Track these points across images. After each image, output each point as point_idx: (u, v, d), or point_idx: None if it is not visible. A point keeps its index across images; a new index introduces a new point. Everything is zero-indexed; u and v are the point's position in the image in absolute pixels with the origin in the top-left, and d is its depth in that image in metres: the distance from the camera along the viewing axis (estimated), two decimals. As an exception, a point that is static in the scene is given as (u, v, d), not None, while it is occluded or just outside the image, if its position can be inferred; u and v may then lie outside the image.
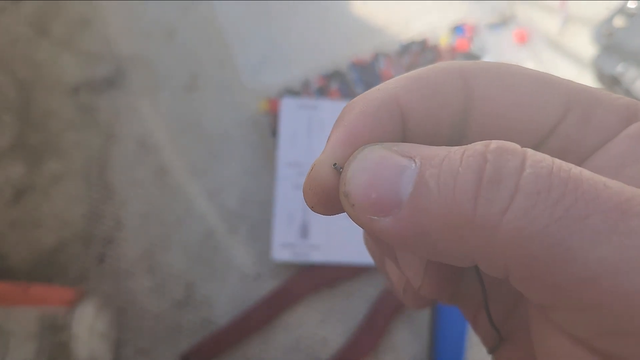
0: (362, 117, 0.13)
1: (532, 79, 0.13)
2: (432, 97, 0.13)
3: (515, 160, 0.10)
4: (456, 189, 0.10)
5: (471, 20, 0.48)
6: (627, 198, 0.10)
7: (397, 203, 0.11)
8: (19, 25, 0.51)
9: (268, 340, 0.43)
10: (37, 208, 0.46)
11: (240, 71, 0.47)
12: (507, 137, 0.13)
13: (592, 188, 0.10)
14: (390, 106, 0.13)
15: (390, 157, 0.12)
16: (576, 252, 0.10)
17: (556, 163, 0.10)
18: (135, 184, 0.47)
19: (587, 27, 0.48)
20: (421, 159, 0.11)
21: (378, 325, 0.42)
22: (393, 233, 0.11)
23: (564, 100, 0.13)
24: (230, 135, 0.48)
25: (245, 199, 0.46)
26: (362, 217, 0.12)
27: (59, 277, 0.44)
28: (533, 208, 0.10)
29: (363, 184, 0.12)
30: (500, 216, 0.10)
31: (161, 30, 0.51)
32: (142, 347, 0.43)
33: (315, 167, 0.13)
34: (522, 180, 0.10)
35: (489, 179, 0.10)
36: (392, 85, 0.13)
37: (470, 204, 0.10)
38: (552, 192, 0.10)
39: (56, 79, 0.49)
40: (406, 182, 0.11)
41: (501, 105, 0.13)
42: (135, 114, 0.48)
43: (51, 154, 0.47)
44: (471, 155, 0.11)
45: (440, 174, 0.11)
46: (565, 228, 0.10)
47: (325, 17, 0.51)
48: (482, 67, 0.13)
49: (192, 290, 0.44)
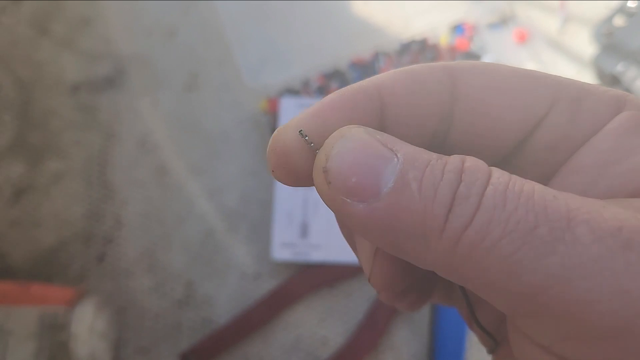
0: (337, 96, 0.13)
1: (517, 75, 0.13)
2: (416, 89, 0.13)
3: (482, 179, 0.11)
4: (435, 200, 0.11)
5: (471, 20, 0.48)
6: (575, 208, 0.10)
7: (375, 193, 0.11)
8: (20, 25, 0.51)
9: (268, 339, 0.43)
10: (37, 207, 0.46)
11: (240, 71, 0.47)
12: (492, 132, 0.13)
13: (541, 200, 0.10)
14: (369, 91, 0.13)
15: (375, 145, 0.12)
16: (525, 264, 0.10)
17: (512, 179, 0.11)
18: (136, 183, 0.47)
19: (587, 27, 0.48)
20: (404, 156, 0.11)
21: (378, 325, 0.42)
22: (363, 220, 0.11)
23: (550, 92, 0.13)
24: (230, 135, 0.48)
25: (245, 199, 0.46)
26: (335, 197, 0.12)
27: (58, 277, 0.44)
28: (489, 223, 0.10)
29: (346, 164, 0.12)
30: (462, 231, 0.10)
31: (161, 29, 0.51)
32: (142, 346, 0.43)
33: (279, 129, 0.13)
34: (483, 197, 0.10)
35: (461, 196, 0.11)
36: (378, 76, 0.14)
37: (443, 217, 0.11)
38: (507, 206, 0.10)
39: (56, 79, 0.49)
40: (388, 175, 0.11)
41: (486, 100, 0.13)
42: (136, 113, 0.48)
43: (51, 153, 0.47)
44: (450, 171, 0.11)
45: (423, 180, 0.11)
46: (515, 240, 0.10)
47: (326, 17, 0.51)
48: (468, 64, 0.14)
49: (192, 289, 0.44)
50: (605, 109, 0.13)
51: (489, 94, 0.13)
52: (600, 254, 0.10)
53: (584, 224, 0.10)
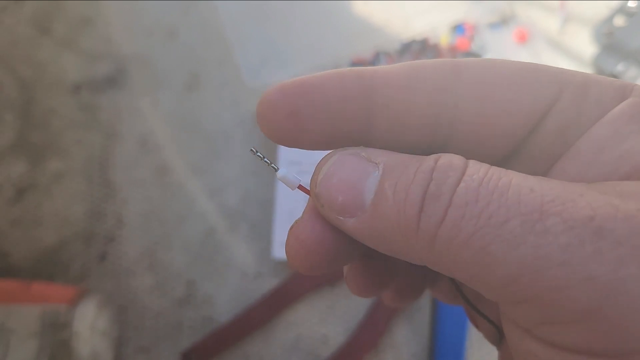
0: (330, 72, 0.13)
1: (522, 68, 0.13)
2: (413, 81, 0.13)
3: (454, 176, 0.11)
4: (406, 202, 0.11)
5: (471, 20, 0.49)
6: (550, 199, 0.10)
7: (361, 206, 0.12)
8: (21, 25, 0.51)
9: (269, 338, 0.43)
10: (38, 206, 0.46)
11: (241, 70, 0.47)
12: (500, 124, 0.13)
13: (515, 194, 0.11)
14: (361, 74, 0.13)
15: (357, 163, 0.13)
16: (497, 256, 0.10)
17: (488, 174, 0.11)
18: (137, 182, 0.47)
19: (587, 27, 0.48)
20: (384, 166, 0.12)
21: (378, 324, 0.42)
22: (356, 232, 0.13)
23: (557, 82, 0.13)
24: (231, 134, 0.48)
25: (246, 198, 0.46)
26: (330, 216, 0.13)
27: (60, 275, 0.44)
28: (462, 219, 0.11)
29: (331, 187, 0.13)
30: (436, 229, 0.11)
31: (162, 29, 0.51)
32: (143, 345, 0.43)
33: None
34: (454, 195, 0.11)
35: (431, 195, 0.11)
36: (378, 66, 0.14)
37: (415, 217, 0.11)
38: (479, 202, 0.11)
39: (58, 78, 0.49)
40: (369, 188, 0.12)
41: (492, 93, 0.13)
42: (137, 113, 0.48)
43: (53, 152, 0.47)
44: (422, 171, 0.12)
45: (397, 185, 0.12)
46: (487, 234, 0.10)
47: (326, 16, 0.51)
48: (473, 61, 0.14)
49: (193, 288, 0.44)
50: (610, 97, 0.13)
51: (494, 86, 0.13)
52: (569, 243, 0.10)
53: (555, 215, 0.10)
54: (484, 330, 0.18)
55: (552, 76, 0.13)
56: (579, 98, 0.13)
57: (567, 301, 0.10)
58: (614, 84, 0.13)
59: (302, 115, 0.13)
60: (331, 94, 0.13)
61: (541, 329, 0.11)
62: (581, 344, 0.10)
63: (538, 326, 0.11)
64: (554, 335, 0.11)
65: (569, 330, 0.10)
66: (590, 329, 0.10)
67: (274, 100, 0.13)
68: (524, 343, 0.12)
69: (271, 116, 0.13)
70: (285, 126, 0.13)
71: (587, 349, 0.10)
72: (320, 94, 0.13)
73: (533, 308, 0.11)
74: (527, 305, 0.11)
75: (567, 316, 0.10)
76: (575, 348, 0.10)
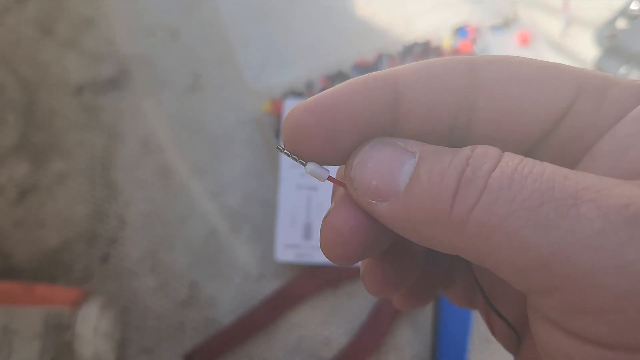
0: (351, 83, 0.14)
1: (540, 67, 0.13)
2: (433, 81, 0.13)
3: (490, 163, 0.11)
4: (441, 187, 0.12)
5: (474, 22, 0.49)
6: (584, 187, 0.10)
7: (395, 191, 0.12)
8: (24, 25, 0.51)
9: (271, 340, 0.43)
10: (41, 207, 0.46)
11: (243, 71, 0.47)
12: (517, 123, 0.13)
13: (549, 180, 0.11)
14: (384, 79, 0.13)
15: (394, 151, 0.13)
16: (529, 239, 0.10)
17: (524, 162, 0.11)
18: (139, 183, 0.47)
19: (589, 29, 0.48)
20: (420, 154, 0.13)
21: (381, 325, 0.42)
22: (387, 217, 0.13)
23: (575, 82, 0.13)
24: (234, 136, 0.48)
25: (249, 199, 0.46)
26: (362, 200, 0.13)
27: (63, 277, 0.44)
28: (495, 202, 0.11)
29: (366, 172, 0.13)
30: (469, 212, 0.11)
31: (165, 30, 0.51)
32: (146, 347, 0.43)
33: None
34: (490, 180, 0.11)
35: (466, 179, 0.11)
36: (397, 67, 0.14)
37: (449, 200, 0.11)
38: (513, 187, 0.11)
39: (60, 79, 0.49)
40: (405, 174, 0.12)
41: (509, 92, 0.13)
42: (139, 113, 0.48)
43: (55, 153, 0.47)
44: (458, 158, 0.12)
45: (432, 171, 0.12)
46: (520, 218, 0.11)
47: (329, 18, 0.51)
48: (489, 57, 0.14)
49: (196, 289, 0.44)
50: (629, 98, 0.13)
51: (512, 85, 0.13)
52: (603, 228, 0.10)
53: (590, 202, 0.10)
54: (500, 335, 0.18)
55: (571, 76, 0.13)
56: (598, 99, 0.13)
57: (600, 288, 0.10)
58: (633, 85, 0.13)
59: (335, 133, 0.13)
60: (360, 106, 0.13)
61: (572, 320, 0.11)
62: (615, 336, 0.10)
63: (568, 317, 0.11)
64: (586, 326, 0.10)
65: (602, 320, 0.10)
66: (624, 318, 0.10)
67: (304, 122, 0.13)
68: (553, 339, 0.11)
69: (303, 139, 0.13)
70: (317, 147, 0.13)
71: (620, 342, 0.10)
72: (350, 108, 0.13)
73: (564, 295, 0.10)
74: (558, 292, 0.10)
75: (600, 304, 0.10)
76: (608, 341, 0.10)
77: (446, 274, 0.19)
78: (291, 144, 0.14)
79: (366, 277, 0.16)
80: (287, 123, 0.14)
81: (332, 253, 0.14)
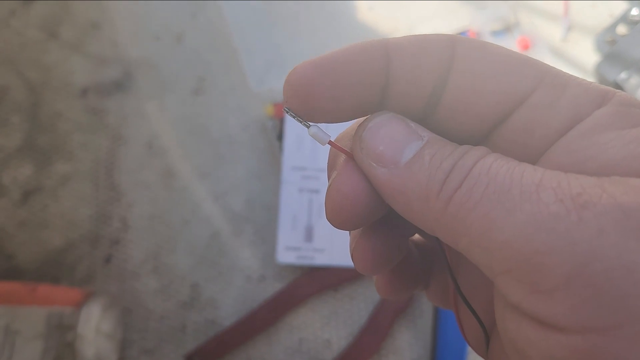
0: (348, 48, 0.15)
1: (509, 55, 0.15)
2: (419, 50, 0.15)
3: (479, 155, 0.13)
4: (438, 170, 0.13)
5: (475, 27, 0.49)
6: (548, 178, 0.12)
7: (396, 162, 0.14)
8: (29, 28, 0.51)
9: (272, 341, 0.43)
10: (44, 209, 0.47)
11: (247, 75, 0.48)
12: (477, 104, 0.14)
13: (520, 172, 0.12)
14: (378, 45, 0.15)
15: (405, 128, 0.14)
16: (496, 221, 0.12)
17: (503, 158, 0.13)
18: (142, 185, 0.47)
19: (590, 35, 0.48)
20: (428, 140, 0.14)
21: (381, 328, 0.42)
22: (383, 183, 0.14)
23: (538, 75, 0.14)
24: (236, 139, 0.48)
25: (251, 202, 0.47)
26: (365, 160, 0.14)
27: (65, 277, 0.45)
28: (473, 187, 0.12)
29: (377, 136, 0.14)
30: (453, 193, 0.13)
31: (169, 34, 0.51)
32: (147, 348, 0.43)
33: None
34: (472, 169, 0.13)
35: (457, 167, 0.13)
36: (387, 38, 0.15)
37: (441, 183, 0.13)
38: (489, 175, 0.12)
39: (65, 82, 0.50)
40: (409, 151, 0.14)
41: (477, 72, 0.14)
42: (143, 116, 0.49)
43: (59, 155, 0.48)
44: (458, 151, 0.13)
45: (434, 155, 0.13)
46: (491, 202, 0.12)
47: (331, 23, 0.51)
48: (469, 39, 0.15)
49: (197, 291, 0.44)
50: (588, 99, 0.14)
51: (481, 67, 0.14)
52: (558, 212, 0.11)
53: (550, 189, 0.11)
54: (469, 336, 0.18)
55: (535, 69, 0.14)
56: (556, 94, 0.14)
57: (552, 265, 0.11)
58: (594, 87, 0.14)
59: (339, 88, 0.14)
60: (360, 64, 0.14)
61: (529, 301, 0.11)
62: (568, 316, 0.11)
63: (527, 297, 0.12)
64: (542, 308, 0.11)
65: (554, 299, 0.11)
66: (572, 296, 0.11)
67: (310, 75, 0.14)
68: (515, 326, 0.12)
69: (308, 92, 0.14)
70: (322, 101, 0.15)
71: (573, 322, 0.11)
72: (351, 66, 0.14)
73: (522, 274, 0.11)
74: (518, 272, 0.11)
75: (551, 283, 0.11)
76: (563, 322, 0.11)
77: (425, 271, 0.20)
78: (296, 98, 0.15)
79: (355, 253, 0.17)
80: (293, 76, 0.15)
81: (338, 216, 0.15)
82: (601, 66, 0.46)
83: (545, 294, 0.11)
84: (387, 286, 0.19)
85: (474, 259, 0.13)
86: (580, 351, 0.11)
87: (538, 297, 0.11)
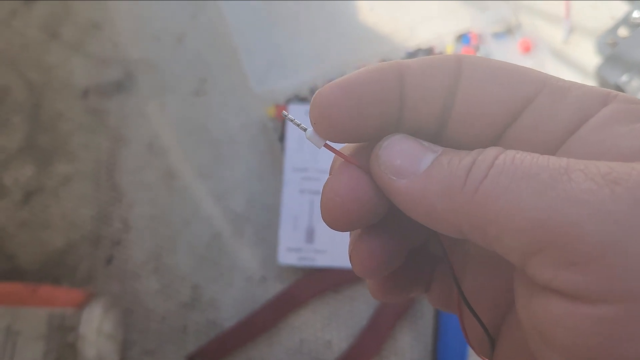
0: (364, 71, 0.16)
1: (512, 66, 0.15)
2: (429, 70, 0.16)
3: (497, 152, 0.14)
4: (459, 167, 0.14)
5: (477, 29, 0.49)
6: (575, 161, 0.12)
7: (415, 172, 0.14)
8: (30, 29, 0.51)
9: (273, 342, 0.43)
10: (46, 209, 0.47)
11: (248, 76, 0.48)
12: (484, 109, 0.15)
13: (545, 158, 0.13)
14: (392, 67, 0.16)
15: (419, 144, 0.15)
16: (527, 202, 0.12)
17: (521, 151, 0.13)
18: (143, 186, 0.47)
19: (591, 37, 0.48)
20: (442, 150, 0.15)
21: (382, 329, 0.42)
22: (404, 192, 0.14)
23: (540, 79, 0.15)
24: (238, 139, 0.48)
25: (252, 203, 0.47)
26: (384, 176, 0.15)
27: (66, 278, 0.45)
28: (499, 175, 0.13)
29: (393, 152, 0.15)
30: (479, 184, 0.13)
31: (170, 34, 0.51)
32: (149, 348, 0.43)
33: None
34: (496, 159, 0.13)
35: (477, 162, 0.13)
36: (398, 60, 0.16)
37: (463, 177, 0.13)
38: (515, 163, 0.13)
39: (66, 82, 0.50)
40: (426, 160, 0.15)
41: (483, 82, 0.15)
42: (144, 117, 0.49)
43: (60, 156, 0.48)
44: (474, 151, 0.14)
45: (451, 159, 0.14)
46: (520, 186, 0.12)
47: (333, 24, 0.51)
48: (474, 58, 0.16)
49: (198, 292, 0.45)
50: (590, 100, 0.14)
51: (485, 77, 0.15)
52: (589, 187, 0.11)
53: (579, 171, 0.12)
54: (473, 340, 0.18)
55: (537, 75, 0.15)
56: (559, 97, 0.15)
57: (587, 236, 0.11)
58: (596, 90, 0.15)
59: (360, 108, 0.15)
60: (378, 86, 0.15)
61: (562, 275, 0.12)
62: (600, 286, 0.11)
63: (559, 273, 0.12)
64: (574, 280, 0.11)
65: (590, 269, 0.11)
66: (609, 264, 0.11)
67: (335, 96, 0.15)
68: (543, 306, 0.12)
69: (332, 112, 0.15)
70: (343, 120, 0.15)
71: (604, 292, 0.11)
72: (371, 87, 0.15)
73: (555, 251, 0.12)
74: (551, 249, 0.12)
75: (587, 253, 0.11)
76: (598, 293, 0.11)
77: (426, 275, 0.20)
78: (323, 118, 0.15)
79: (354, 255, 0.17)
80: (319, 98, 0.15)
81: (333, 216, 0.15)
82: (602, 68, 0.46)
83: (580, 265, 0.11)
84: (380, 289, 0.19)
85: (502, 249, 0.13)
86: (612, 321, 0.11)
87: (573, 270, 0.11)
